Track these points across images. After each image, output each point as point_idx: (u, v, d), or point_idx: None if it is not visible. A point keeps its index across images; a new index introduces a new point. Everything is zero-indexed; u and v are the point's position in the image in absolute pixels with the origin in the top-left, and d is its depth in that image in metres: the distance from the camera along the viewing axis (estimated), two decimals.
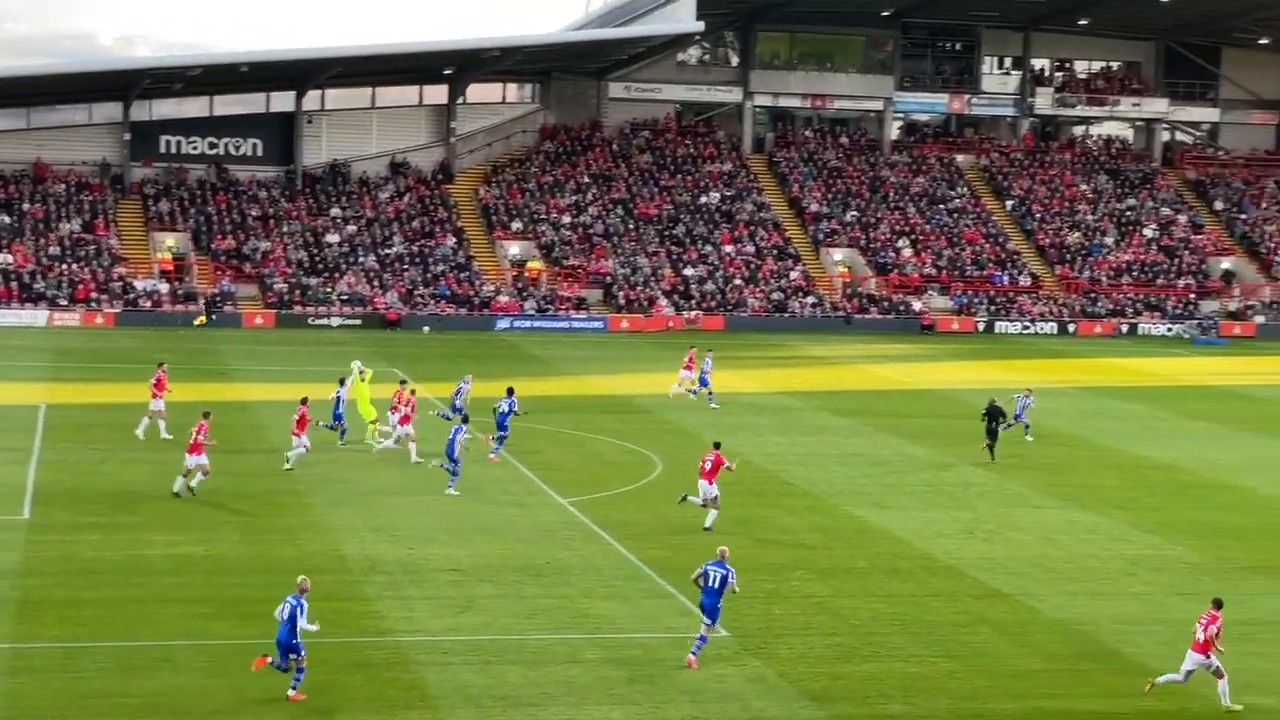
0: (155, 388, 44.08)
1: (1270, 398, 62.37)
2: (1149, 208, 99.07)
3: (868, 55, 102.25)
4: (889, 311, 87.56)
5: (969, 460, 44.89)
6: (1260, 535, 36.38)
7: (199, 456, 36.21)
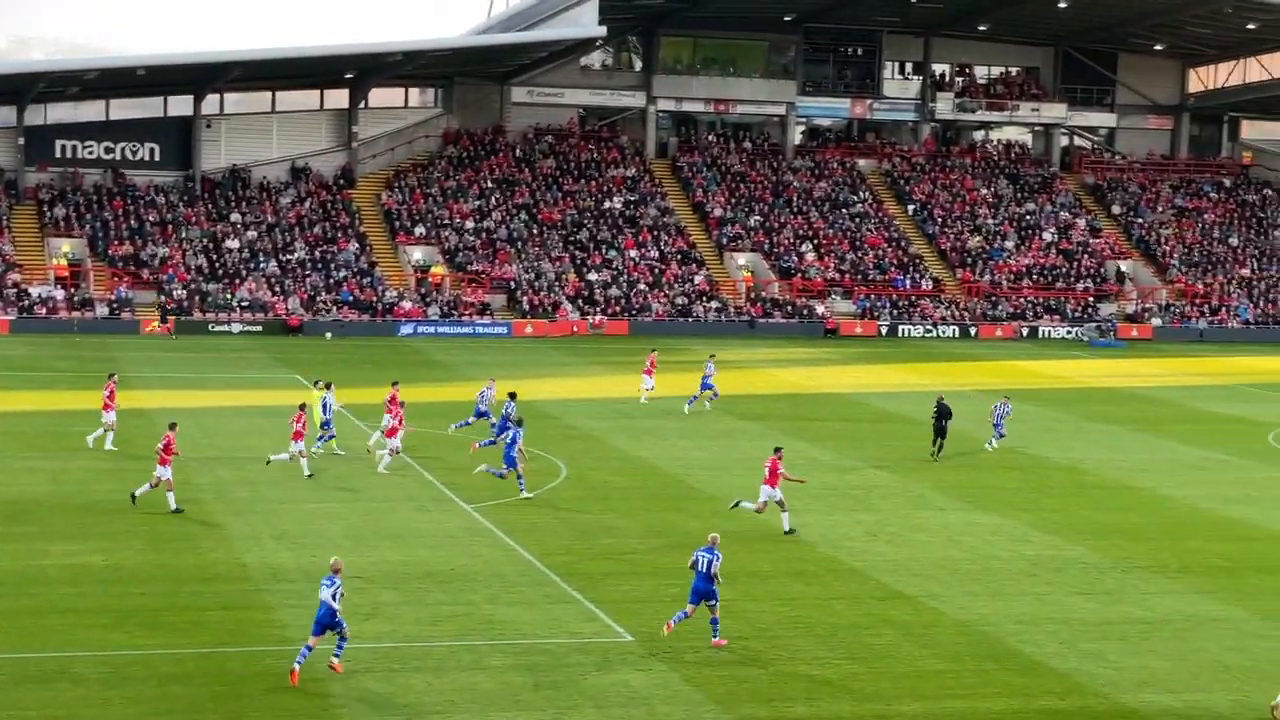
0: (108, 399, 43.44)
1: (1167, 399, 63.21)
2: (1048, 212, 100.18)
3: (770, 60, 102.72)
4: (792, 315, 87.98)
5: (872, 463, 45.15)
6: (1157, 535, 36.81)
7: (167, 469, 35.61)
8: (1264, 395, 65.53)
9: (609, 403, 56.88)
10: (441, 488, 39.76)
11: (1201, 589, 31.61)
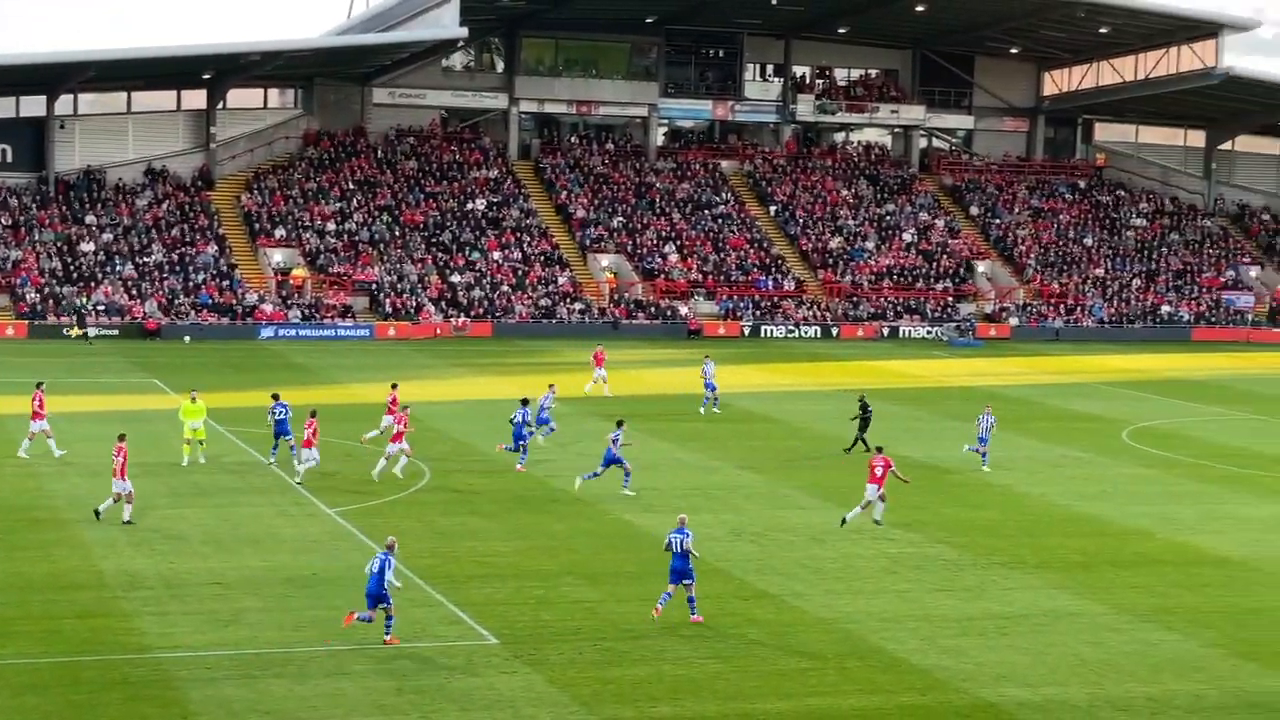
0: (38, 408, 42.89)
1: (1023, 397, 64.15)
2: (908, 213, 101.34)
3: (632, 62, 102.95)
4: (656, 317, 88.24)
5: (736, 463, 45.37)
6: (1015, 531, 37.34)
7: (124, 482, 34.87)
8: (1118, 393, 66.75)
9: (473, 405, 56.70)
10: (304, 492, 39.37)
11: (1058, 584, 32.12)
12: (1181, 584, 32.61)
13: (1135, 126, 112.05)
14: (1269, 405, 63.70)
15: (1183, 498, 42.47)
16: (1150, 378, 73.08)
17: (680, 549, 28.22)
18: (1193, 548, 36.20)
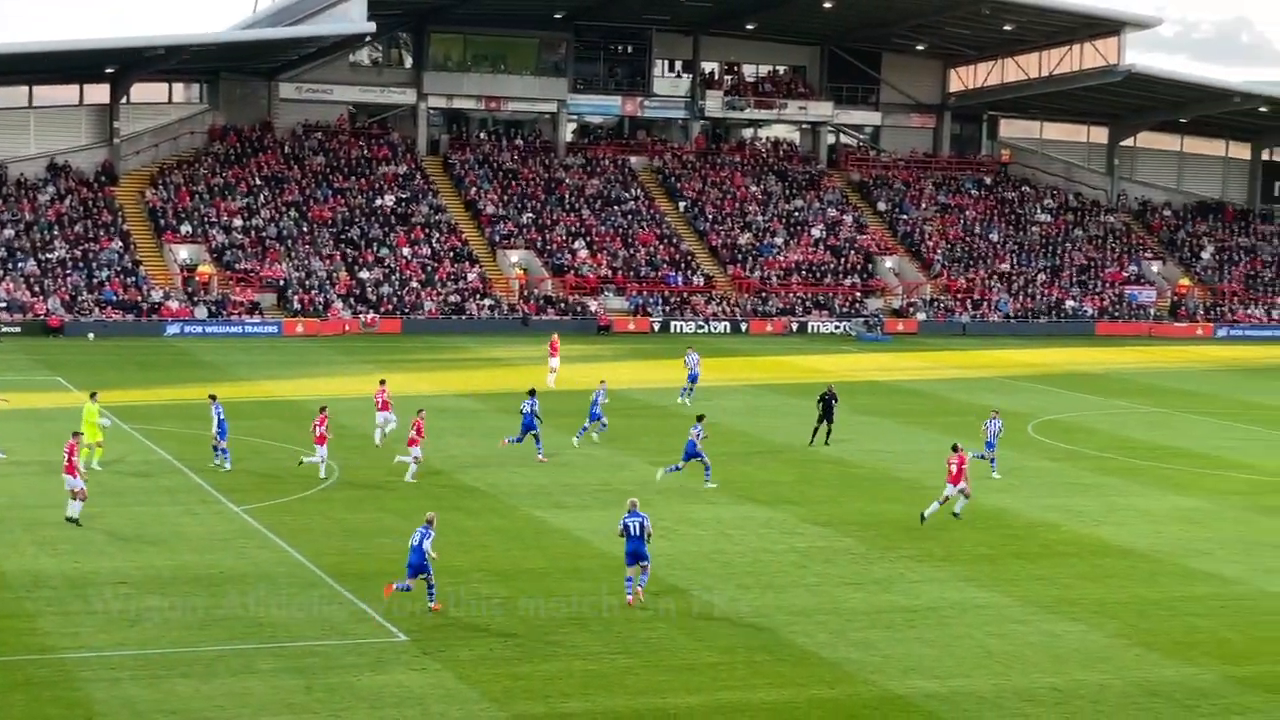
0: None
1: (931, 392, 64.66)
2: (816, 209, 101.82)
3: (541, 58, 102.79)
4: (566, 313, 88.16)
5: (646, 458, 45.42)
6: (922, 525, 37.59)
7: (75, 479, 34.33)
8: (1024, 387, 67.43)
9: None
10: (210, 490, 39.06)
11: (965, 576, 32.42)
12: (1085, 575, 33.01)
13: (1040, 123, 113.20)
14: (1170, 398, 64.59)
15: (1087, 490, 42.98)
16: (1055, 371, 73.87)
17: (638, 532, 29.10)
18: (1097, 539, 36.65)
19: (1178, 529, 38.05)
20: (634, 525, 29.25)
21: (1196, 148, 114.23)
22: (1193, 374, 75.47)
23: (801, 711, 24.08)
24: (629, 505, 29.79)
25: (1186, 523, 38.86)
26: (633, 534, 29.22)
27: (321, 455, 41.01)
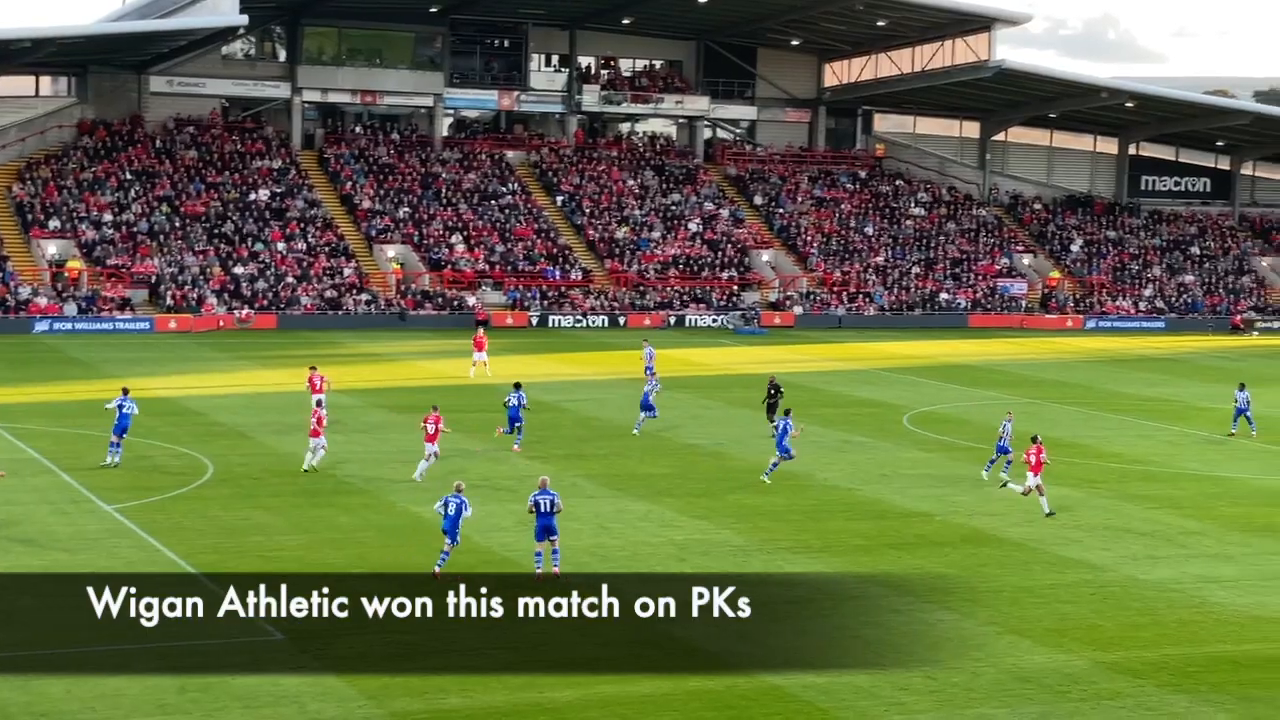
0: None
1: (808, 384, 65.08)
2: (693, 203, 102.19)
3: (417, 52, 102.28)
4: (443, 307, 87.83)
5: (524, 453, 45.34)
6: (800, 516, 37.91)
7: None
8: (898, 379, 68.11)
9: (257, 397, 55.88)
10: (80, 489, 38.47)
11: (842, 567, 32.70)
12: (959, 565, 33.42)
13: (914, 118, 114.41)
14: (1042, 389, 65.53)
15: (961, 480, 43.47)
16: (929, 363, 74.69)
17: (548, 509, 30.09)
18: (970, 529, 37.10)
19: (1048, 518, 38.60)
20: (544, 502, 30.12)
21: (1066, 142, 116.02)
22: (1063, 365, 76.66)
23: (680, 703, 24.18)
24: (540, 483, 30.63)
25: (1057, 511, 39.43)
26: (543, 510, 30.08)
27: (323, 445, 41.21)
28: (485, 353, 62.81)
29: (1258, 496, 42.10)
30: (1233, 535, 37.12)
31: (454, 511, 30.26)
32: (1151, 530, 37.41)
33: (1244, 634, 28.94)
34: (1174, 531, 37.33)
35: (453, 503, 30.32)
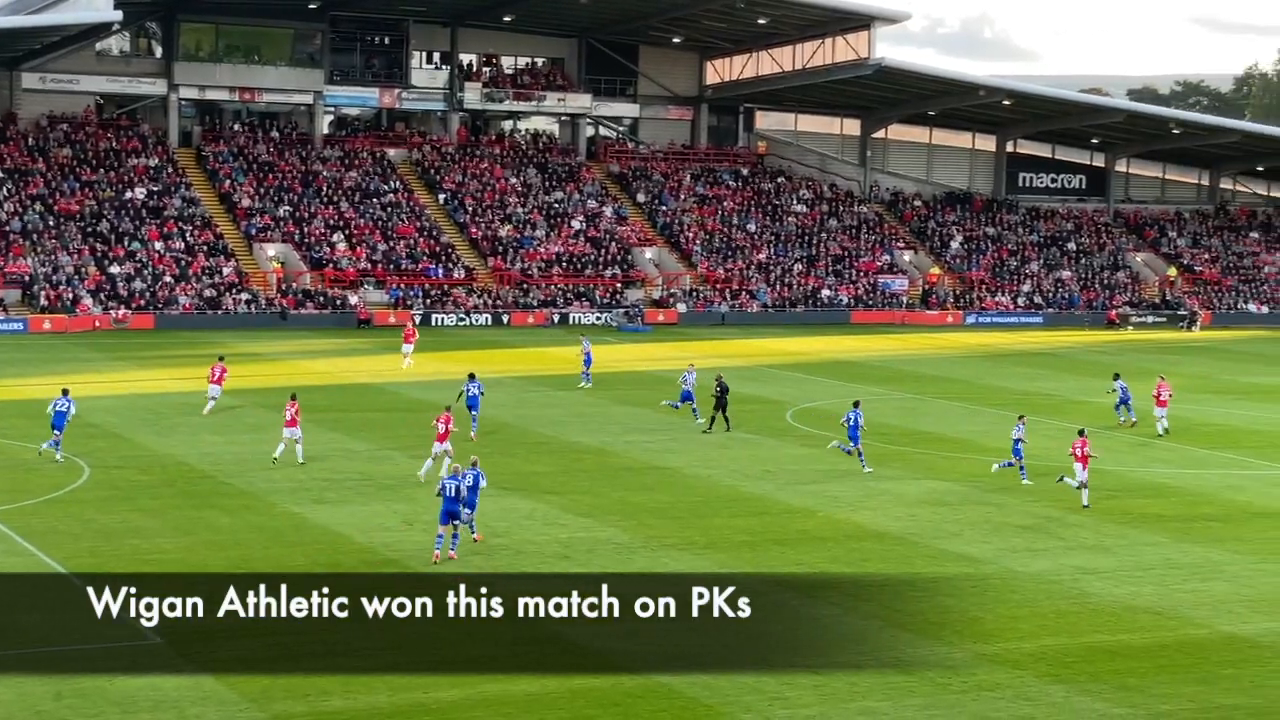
0: None
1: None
2: (576, 200, 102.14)
3: (296, 48, 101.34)
4: (325, 306, 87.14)
5: (407, 452, 45.10)
6: (683, 513, 37.99)
7: None
8: (782, 375, 68.46)
9: (133, 399, 55.13)
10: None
11: (726, 564, 32.81)
12: (841, 559, 33.65)
13: (795, 115, 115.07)
14: (923, 384, 66.17)
15: (843, 476, 43.76)
16: (812, 360, 75.18)
17: (452, 493, 31.39)
18: (853, 524, 37.38)
19: (930, 512, 38.99)
20: (450, 486, 31.47)
21: (945, 140, 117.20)
22: (943, 360, 77.44)
23: (564, 701, 24.15)
24: (452, 469, 32.68)
25: (938, 505, 39.84)
26: (448, 494, 31.38)
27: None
28: (413, 345, 65.87)
29: (1134, 488, 42.77)
30: (1109, 527, 37.69)
31: (452, 493, 31.47)
32: (1031, 523, 37.90)
33: (1120, 624, 29.40)
34: (1053, 524, 37.84)
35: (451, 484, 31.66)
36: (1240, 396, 63.68)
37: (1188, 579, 32.72)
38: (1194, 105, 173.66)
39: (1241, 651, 27.85)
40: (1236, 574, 33.26)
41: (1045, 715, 24.67)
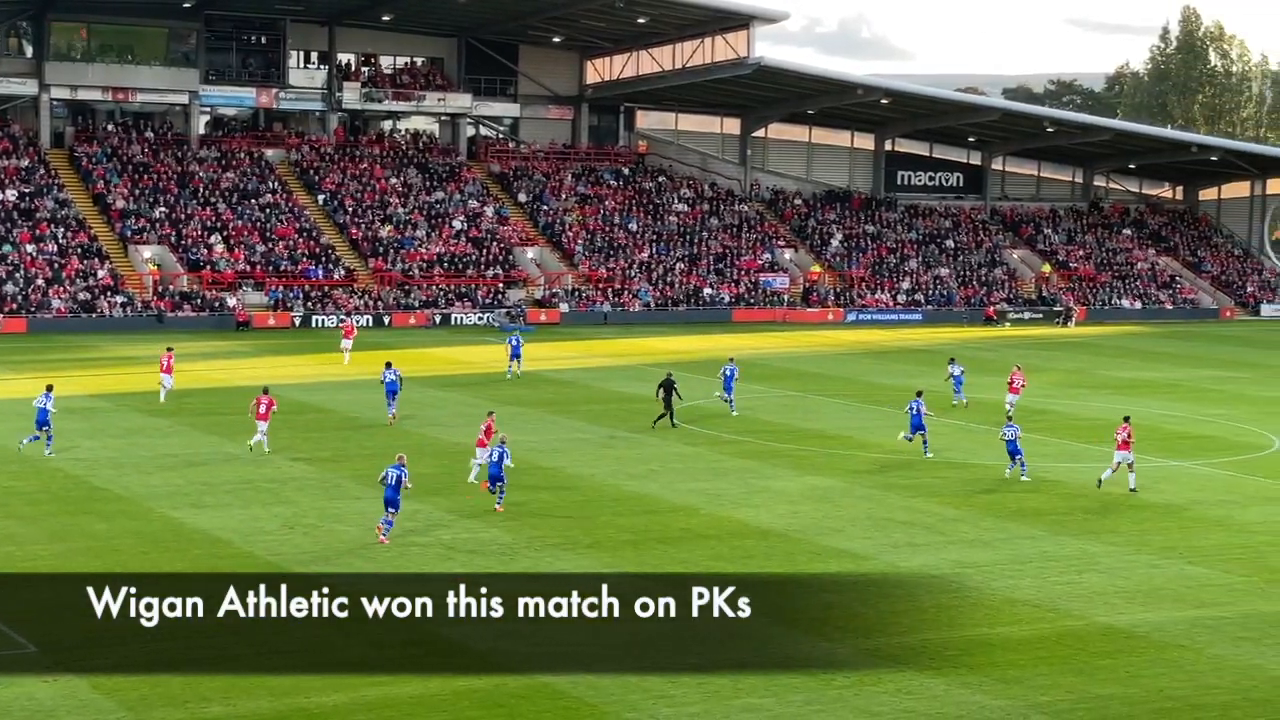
0: None
1: (574, 380, 65.30)
2: (457, 200, 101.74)
3: (171, 48, 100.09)
4: (203, 309, 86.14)
5: (288, 455, 44.68)
6: (567, 512, 37.95)
7: None
8: (662, 374, 68.43)
9: (7, 404, 54.18)
10: None
11: (610, 564, 32.81)
12: (725, 557, 33.77)
13: (675, 114, 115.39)
14: (804, 382, 66.60)
15: (726, 474, 43.94)
16: (695, 358, 75.32)
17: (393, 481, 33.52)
18: (736, 521, 37.52)
19: (812, 508, 39.24)
20: (391, 475, 33.63)
21: (824, 138, 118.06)
22: (825, 357, 77.99)
23: (448, 703, 24.03)
24: (398, 459, 34.41)
25: (821, 502, 40.11)
26: (389, 482, 33.60)
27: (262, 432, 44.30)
28: (352, 340, 68.65)
29: (1012, 483, 43.27)
30: (987, 521, 38.14)
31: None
32: (911, 519, 38.25)
33: (999, 617, 29.76)
34: (933, 519, 38.22)
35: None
36: (1114, 391, 64.68)
37: (1064, 571, 33.18)
38: (1068, 104, 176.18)
39: (1117, 642, 28.30)
40: (1111, 566, 33.79)
41: (926, 708, 24.92)
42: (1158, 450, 49.02)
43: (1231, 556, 34.99)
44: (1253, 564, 34.35)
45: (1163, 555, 34.97)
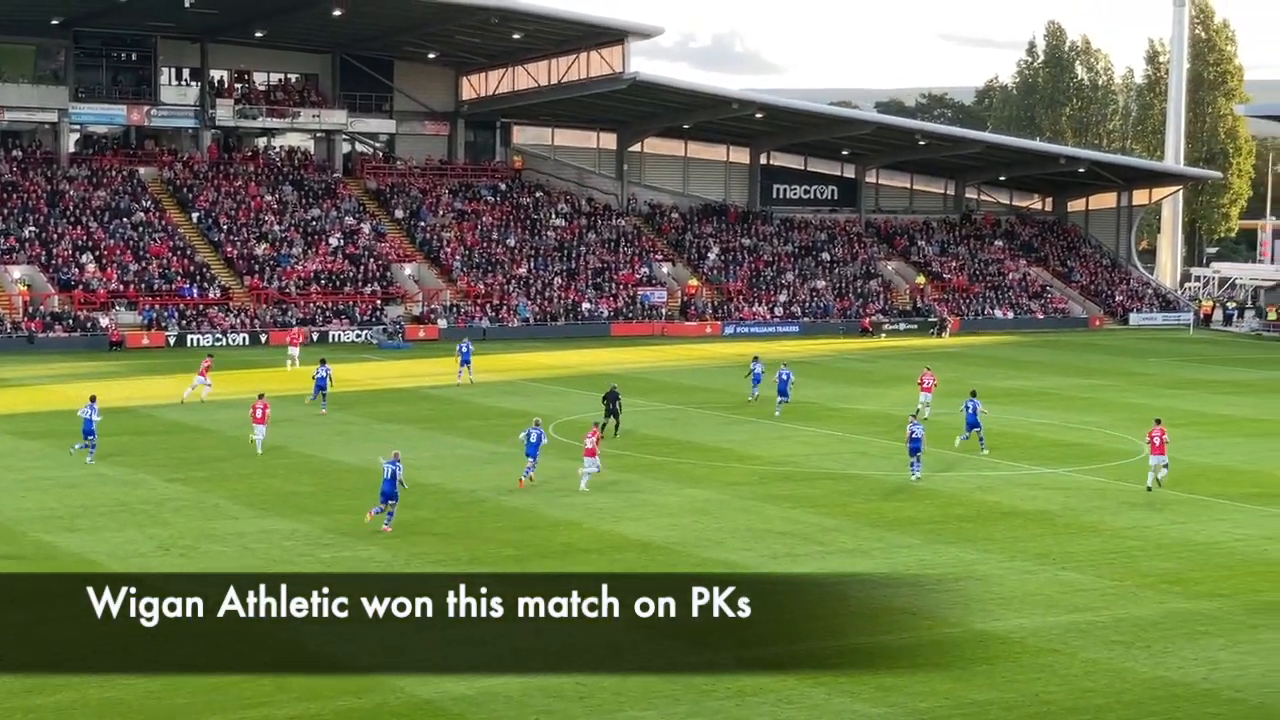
0: None
1: (453, 397, 65.08)
2: (333, 217, 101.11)
3: (39, 65, 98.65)
4: (75, 329, 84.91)
5: (163, 476, 44.21)
6: (447, 529, 37.87)
7: None
8: (543, 389, 68.62)
9: None
10: None
11: (490, 581, 32.62)
12: (606, 570, 33.79)
13: (552, 129, 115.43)
14: (682, 394, 66.89)
15: (606, 487, 44.02)
16: (574, 373, 75.46)
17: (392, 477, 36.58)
18: (617, 535, 37.65)
19: (692, 520, 39.45)
20: (388, 470, 36.57)
21: (700, 153, 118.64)
22: (703, 370, 78.36)
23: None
24: (393, 455, 37.12)
25: (700, 514, 40.34)
26: (385, 477, 36.65)
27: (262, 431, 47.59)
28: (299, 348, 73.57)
29: (889, 492, 43.79)
30: (866, 530, 38.56)
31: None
32: (791, 529, 38.58)
33: (877, 625, 29.99)
34: (812, 529, 38.57)
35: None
36: (988, 400, 65.54)
37: (941, 579, 33.59)
38: (939, 117, 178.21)
39: (993, 648, 28.75)
40: (987, 573, 34.30)
41: (806, 717, 25.18)
42: (1030, 458, 49.82)
43: (1103, 561, 35.66)
44: (1124, 569, 35.03)
45: (1037, 561, 35.56)
